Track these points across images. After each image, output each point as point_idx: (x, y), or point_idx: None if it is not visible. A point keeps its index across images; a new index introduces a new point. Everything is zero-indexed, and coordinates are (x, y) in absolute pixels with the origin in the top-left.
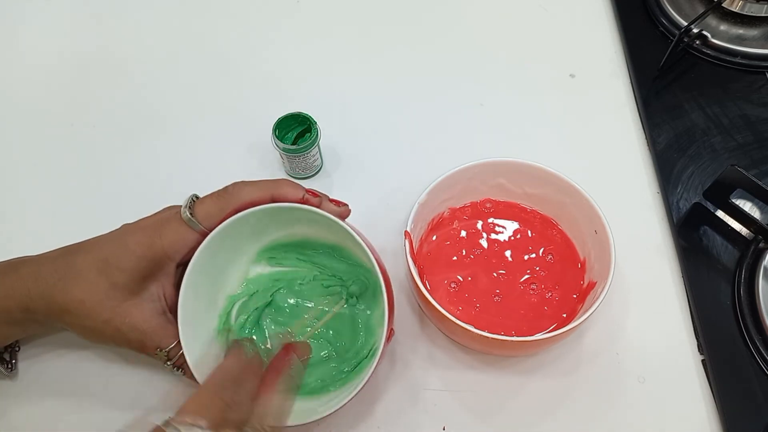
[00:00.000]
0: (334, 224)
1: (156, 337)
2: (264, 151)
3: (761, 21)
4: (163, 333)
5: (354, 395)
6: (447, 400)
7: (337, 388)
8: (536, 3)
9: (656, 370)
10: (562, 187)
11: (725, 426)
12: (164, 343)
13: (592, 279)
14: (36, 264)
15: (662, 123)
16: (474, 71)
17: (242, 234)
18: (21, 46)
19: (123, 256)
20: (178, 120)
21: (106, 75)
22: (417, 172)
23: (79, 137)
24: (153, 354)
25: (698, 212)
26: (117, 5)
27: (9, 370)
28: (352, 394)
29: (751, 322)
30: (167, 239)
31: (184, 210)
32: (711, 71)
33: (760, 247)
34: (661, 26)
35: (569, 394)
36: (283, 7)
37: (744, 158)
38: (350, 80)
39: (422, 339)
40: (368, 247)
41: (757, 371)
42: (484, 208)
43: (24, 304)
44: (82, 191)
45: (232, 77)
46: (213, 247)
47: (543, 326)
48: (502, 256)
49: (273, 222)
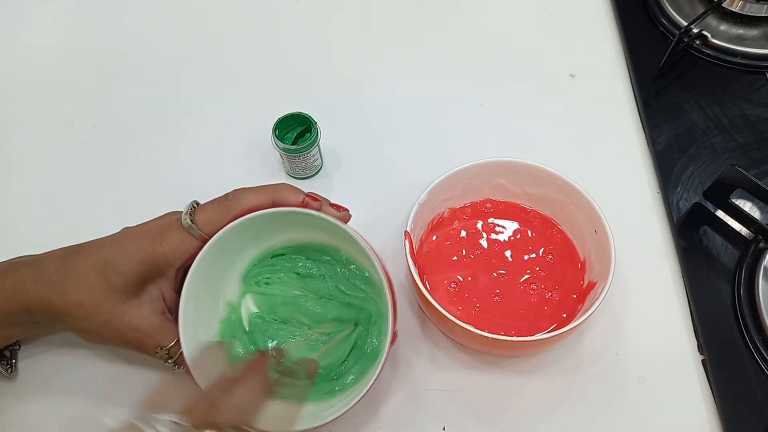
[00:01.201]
0: (335, 228)
1: (155, 336)
2: (264, 151)
3: (761, 21)
4: (163, 332)
5: (359, 399)
6: (447, 400)
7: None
8: (536, 3)
9: (656, 370)
10: (562, 187)
11: (725, 426)
12: (164, 341)
13: (592, 279)
14: (36, 265)
15: (662, 123)
16: (474, 71)
17: (243, 239)
18: (21, 46)
19: (122, 260)
20: (178, 119)
21: (107, 75)
22: (417, 172)
23: (79, 137)
24: (153, 353)
25: (698, 212)
26: (117, 5)
27: (9, 369)
28: (357, 398)
29: (751, 322)
30: (168, 246)
31: (185, 217)
32: (711, 71)
33: (760, 247)
34: (661, 26)
35: (569, 394)
36: (283, 6)
37: (744, 158)
38: (350, 80)
39: (422, 339)
40: (371, 250)
41: (757, 371)
42: (484, 208)
43: (24, 306)
44: (83, 191)
45: (232, 77)
46: (214, 252)
47: (543, 326)
48: (502, 256)
49: (274, 227)
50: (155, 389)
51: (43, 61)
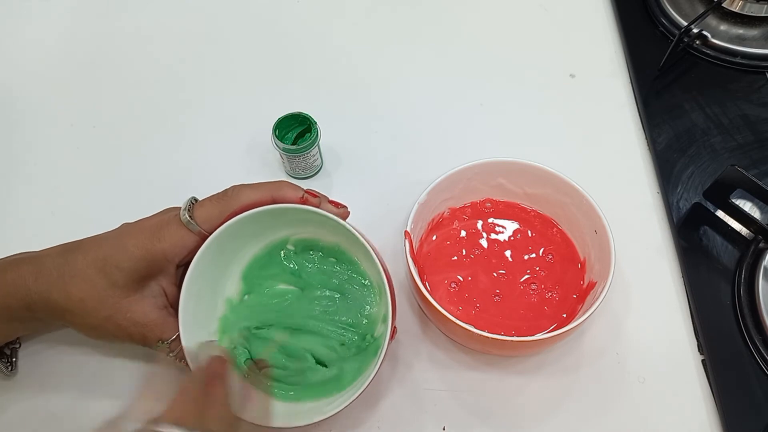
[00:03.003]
0: (335, 224)
1: (157, 330)
2: (264, 151)
3: (761, 21)
4: (164, 326)
5: (359, 394)
6: (447, 400)
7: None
8: (536, 3)
9: (656, 370)
10: (562, 187)
11: (725, 426)
12: (166, 335)
13: (592, 279)
14: (36, 262)
15: (662, 123)
16: (474, 71)
17: (243, 236)
18: (21, 45)
19: (122, 256)
20: (177, 120)
21: (107, 75)
22: (417, 172)
23: (79, 137)
24: (155, 346)
25: (698, 212)
26: (117, 5)
27: (9, 367)
28: (357, 392)
29: (751, 322)
30: (166, 242)
31: (183, 212)
32: (711, 71)
33: (760, 247)
34: (661, 26)
35: (569, 394)
36: (282, 6)
37: (744, 158)
38: (351, 80)
39: (422, 339)
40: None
41: (757, 371)
42: (484, 208)
43: (25, 303)
44: (82, 191)
45: (232, 77)
46: (214, 249)
47: (543, 326)
48: (502, 256)
49: (274, 224)
50: (170, 405)
51: (43, 61)
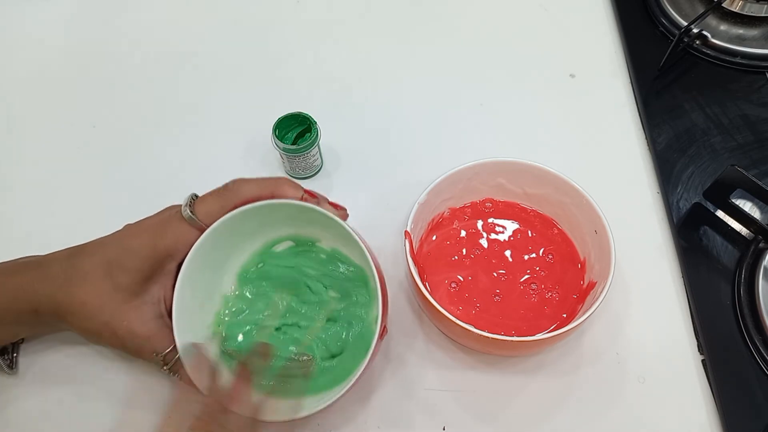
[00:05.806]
0: (333, 224)
1: (153, 342)
2: (264, 151)
3: (761, 21)
4: (160, 337)
5: (345, 392)
6: (447, 401)
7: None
8: (536, 3)
9: (656, 370)
10: (562, 187)
11: (725, 426)
12: (160, 347)
13: (592, 279)
14: (42, 265)
15: (662, 123)
16: (474, 71)
17: (240, 231)
18: (21, 45)
19: (127, 258)
20: (178, 119)
21: (107, 75)
22: (417, 172)
23: (79, 137)
24: (150, 358)
25: (698, 212)
26: (117, 5)
27: (10, 366)
28: (343, 390)
29: (751, 322)
30: (169, 239)
31: (185, 208)
32: (711, 71)
33: (760, 247)
34: (661, 26)
35: (569, 394)
36: (282, 6)
37: (744, 158)
38: (350, 80)
39: (422, 339)
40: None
41: (757, 371)
42: (484, 208)
43: (32, 306)
44: (82, 191)
45: (232, 77)
46: (211, 241)
47: (543, 326)
48: (502, 256)
49: (272, 220)
50: None
51: (43, 60)
